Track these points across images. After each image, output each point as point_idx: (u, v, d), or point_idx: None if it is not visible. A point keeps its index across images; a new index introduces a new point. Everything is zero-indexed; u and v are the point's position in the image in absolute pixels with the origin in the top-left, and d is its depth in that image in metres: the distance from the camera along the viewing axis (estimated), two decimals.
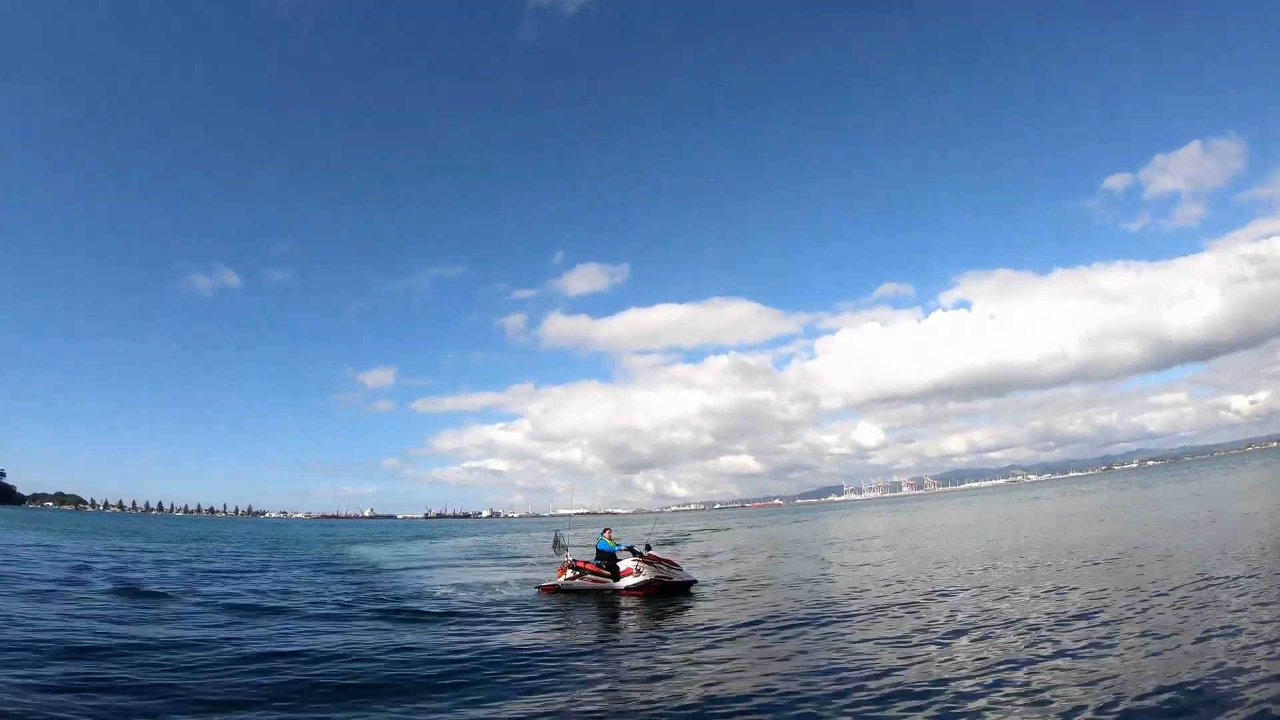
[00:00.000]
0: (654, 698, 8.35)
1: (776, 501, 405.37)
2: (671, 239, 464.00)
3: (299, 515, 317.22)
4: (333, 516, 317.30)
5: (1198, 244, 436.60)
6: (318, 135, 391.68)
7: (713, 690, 8.61)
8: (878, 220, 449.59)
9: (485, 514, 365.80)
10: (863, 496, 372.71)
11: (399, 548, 43.60)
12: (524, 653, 10.36)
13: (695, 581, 18.33)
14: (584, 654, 10.80)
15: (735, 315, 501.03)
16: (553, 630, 12.75)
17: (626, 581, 17.73)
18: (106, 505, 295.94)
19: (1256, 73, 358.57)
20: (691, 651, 10.77)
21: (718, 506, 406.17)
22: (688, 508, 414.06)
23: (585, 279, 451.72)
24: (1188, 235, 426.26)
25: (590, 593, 17.67)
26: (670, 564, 18.30)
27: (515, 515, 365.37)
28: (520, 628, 12.93)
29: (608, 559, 18.40)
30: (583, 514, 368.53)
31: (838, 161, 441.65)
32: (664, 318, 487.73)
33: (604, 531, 19.34)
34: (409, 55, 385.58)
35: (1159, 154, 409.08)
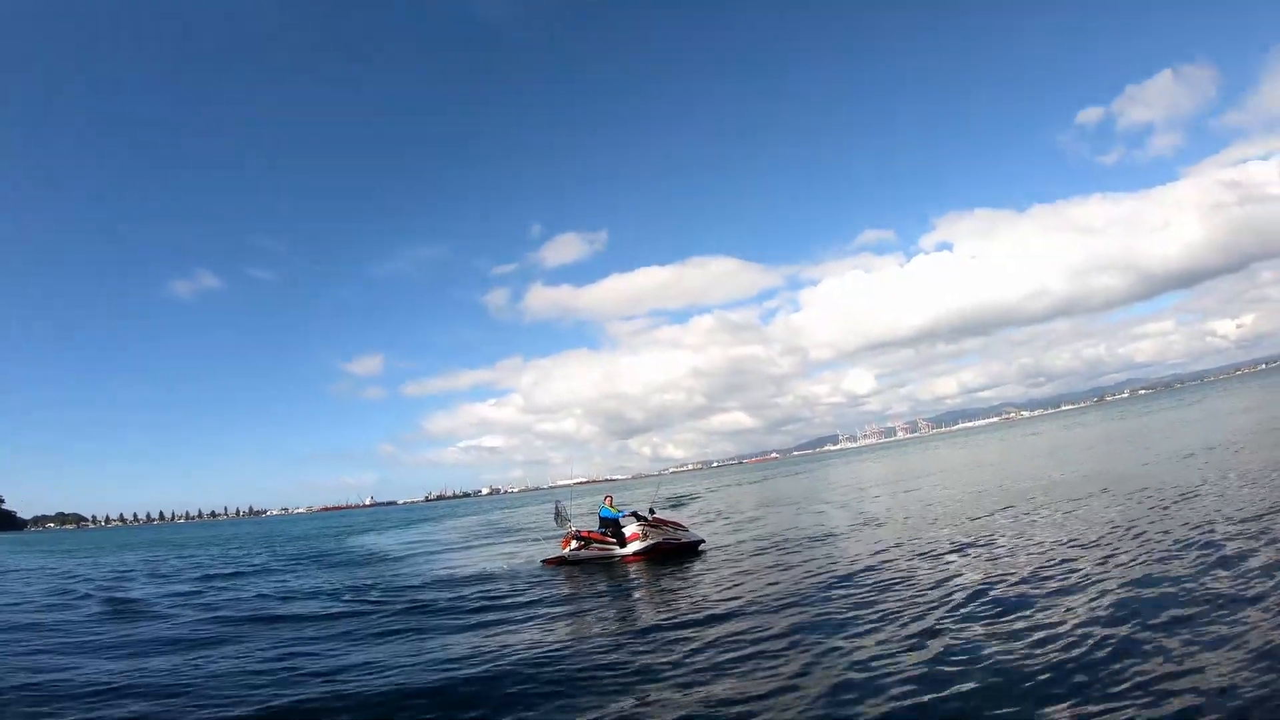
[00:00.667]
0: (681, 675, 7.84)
1: (773, 455, 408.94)
2: (648, 202, 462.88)
3: (300, 510, 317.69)
4: (334, 508, 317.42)
5: (1174, 172, 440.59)
6: (287, 130, 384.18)
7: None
8: (854, 168, 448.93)
9: (485, 491, 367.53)
10: (858, 444, 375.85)
11: (402, 534, 43.34)
12: (543, 648, 9.60)
13: (703, 541, 18.12)
14: (607, 638, 10.26)
15: (717, 273, 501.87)
16: (563, 613, 12.13)
17: (633, 547, 17.48)
18: (108, 520, 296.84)
19: None
20: (716, 624, 10.31)
21: (715, 465, 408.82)
22: (685, 468, 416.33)
23: (565, 249, 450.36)
24: (1163, 164, 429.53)
25: (597, 561, 17.43)
26: (676, 525, 18.12)
27: (515, 490, 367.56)
28: (533, 610, 12.41)
29: (612, 526, 18.12)
30: (582, 483, 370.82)
31: (810, 111, 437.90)
32: (646, 281, 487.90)
33: (605, 499, 19.06)
34: (376, 41, 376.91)
35: (1130, 85, 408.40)
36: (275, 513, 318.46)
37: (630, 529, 17.85)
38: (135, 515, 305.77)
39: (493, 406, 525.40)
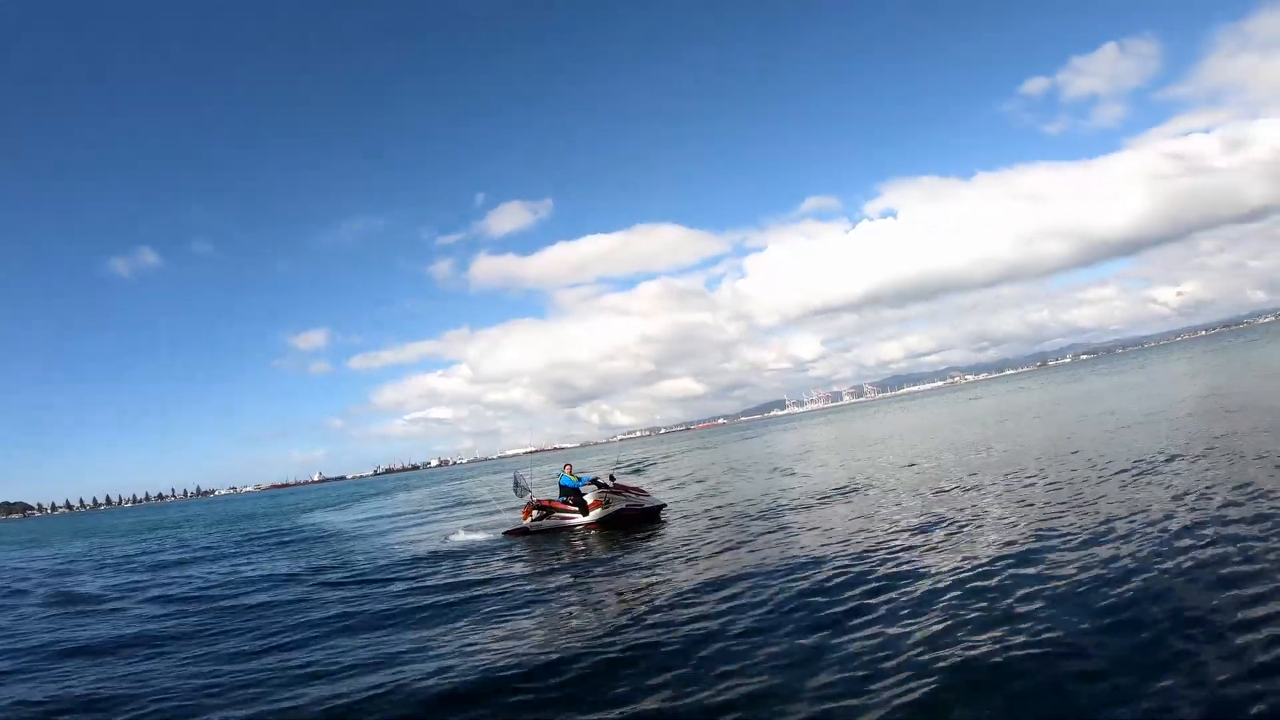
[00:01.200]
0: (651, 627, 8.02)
1: (721, 421, 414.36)
2: (592, 170, 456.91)
3: (249, 489, 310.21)
4: (283, 485, 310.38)
5: (1117, 143, 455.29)
6: (221, 99, 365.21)
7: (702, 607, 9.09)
8: (798, 135, 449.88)
9: (434, 463, 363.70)
10: (805, 409, 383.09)
11: (354, 511, 42.46)
12: (516, 637, 9.05)
13: (665, 506, 18.34)
14: (574, 605, 10.39)
15: (663, 240, 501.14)
16: (528, 592, 11.69)
17: (596, 514, 17.47)
18: (54, 508, 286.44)
19: None
20: (679, 578, 10.94)
21: (663, 431, 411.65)
22: (634, 435, 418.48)
23: (509, 218, 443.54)
24: (1108, 135, 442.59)
25: (559, 531, 17.42)
26: (638, 491, 18.18)
27: (464, 461, 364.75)
28: (499, 588, 12.07)
29: (572, 494, 18.02)
30: (531, 452, 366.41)
31: (752, 76, 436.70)
32: (592, 249, 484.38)
33: (565, 467, 19.00)
34: (314, 9, 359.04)
35: (1075, 56, 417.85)
36: (223, 492, 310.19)
37: (591, 496, 17.82)
38: (81, 501, 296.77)
39: (440, 377, 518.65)
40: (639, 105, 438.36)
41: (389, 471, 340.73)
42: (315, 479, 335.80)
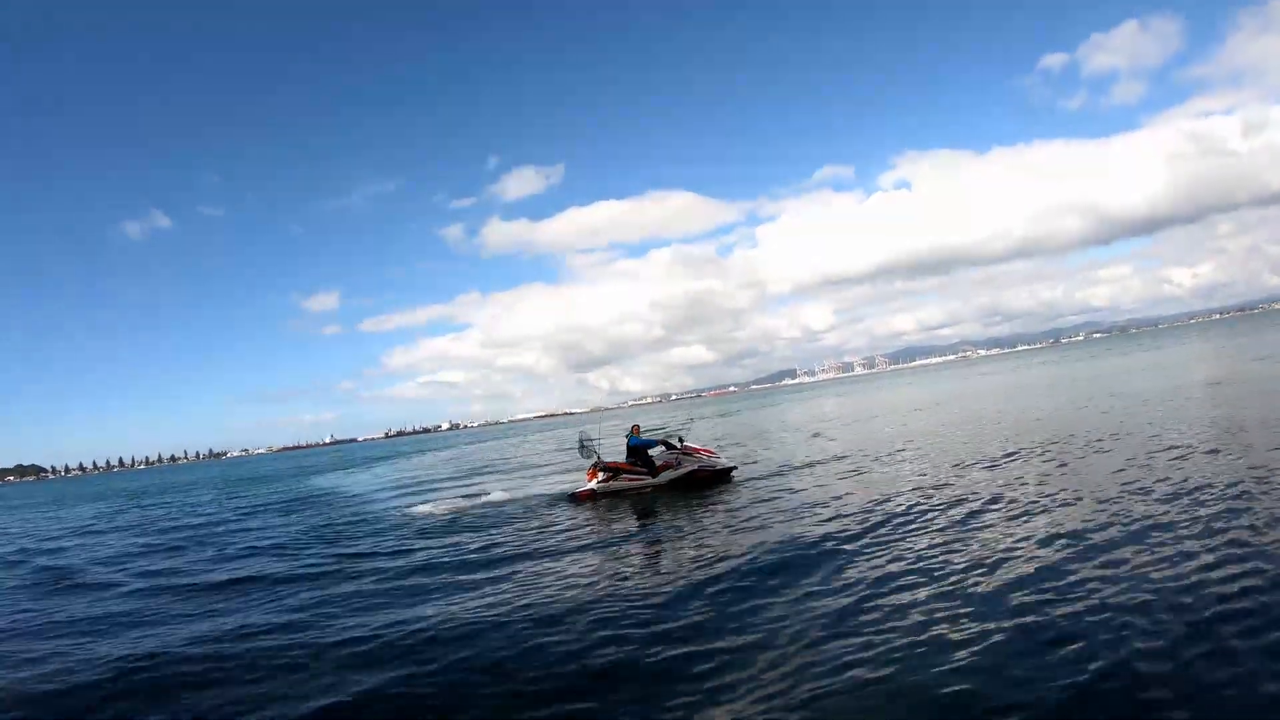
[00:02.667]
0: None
1: (732, 389, 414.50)
2: (605, 135, 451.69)
3: (260, 451, 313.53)
4: (294, 448, 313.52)
5: (1136, 121, 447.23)
6: (234, 62, 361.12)
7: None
8: (813, 103, 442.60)
9: (445, 427, 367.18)
10: (816, 379, 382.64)
11: (377, 472, 41.41)
12: (596, 607, 7.95)
13: (735, 468, 17.79)
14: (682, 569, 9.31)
15: (675, 207, 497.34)
16: (605, 560, 10.54)
17: (666, 475, 16.95)
18: (68, 470, 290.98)
19: None
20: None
21: (674, 398, 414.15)
22: (644, 401, 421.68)
23: (522, 182, 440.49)
24: (1126, 113, 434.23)
25: (628, 493, 16.66)
26: (707, 452, 17.65)
27: (475, 425, 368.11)
28: (574, 557, 10.82)
29: (640, 455, 17.28)
30: (541, 417, 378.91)
31: (769, 44, 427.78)
32: (604, 215, 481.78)
33: (632, 427, 18.25)
34: None
35: (1096, 32, 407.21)
36: (236, 454, 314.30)
37: (661, 458, 17.27)
38: (95, 464, 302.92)
39: (451, 341, 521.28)
40: (654, 73, 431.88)
41: (399, 434, 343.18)
42: (327, 441, 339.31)
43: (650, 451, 17.32)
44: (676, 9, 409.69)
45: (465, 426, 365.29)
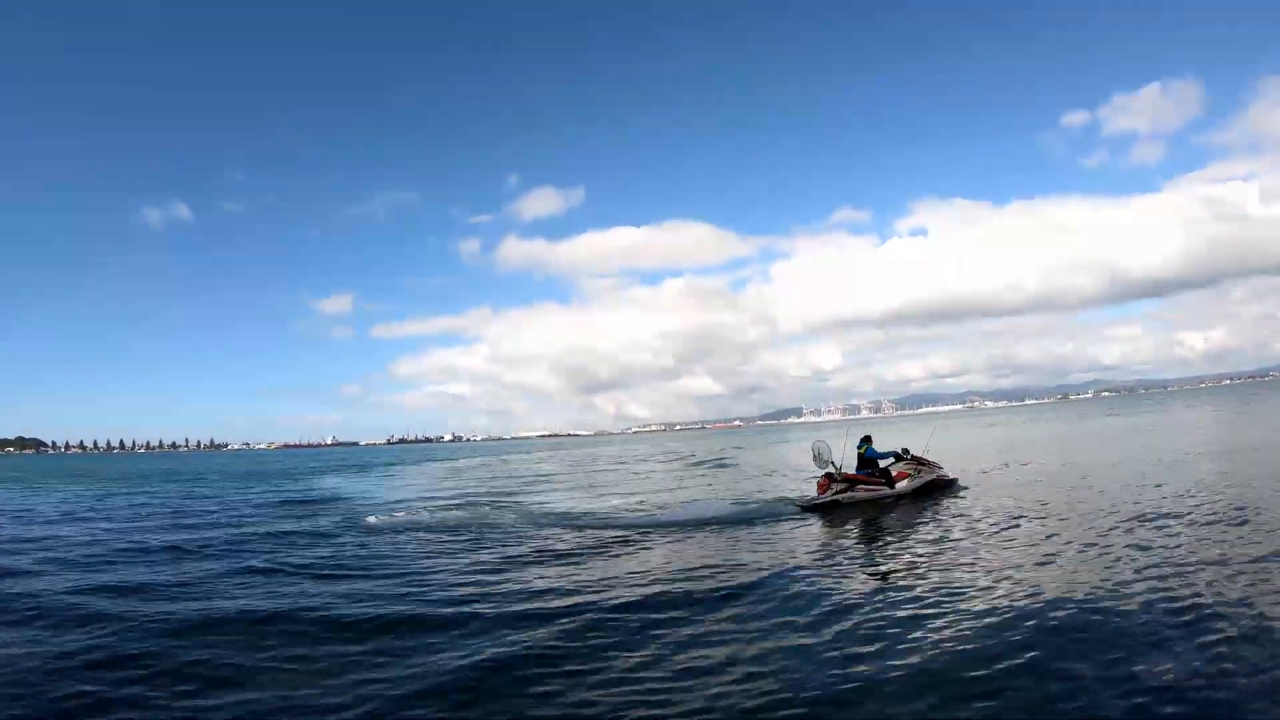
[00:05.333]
0: None
1: (737, 423, 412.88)
2: (627, 162, 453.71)
3: (261, 446, 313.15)
4: (295, 445, 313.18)
5: (1154, 183, 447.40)
6: (267, 62, 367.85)
7: None
8: (833, 144, 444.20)
9: (448, 438, 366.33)
10: (821, 419, 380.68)
11: (418, 476, 41.57)
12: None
13: (957, 479, 18.63)
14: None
15: (692, 238, 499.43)
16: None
17: (904, 485, 17.41)
18: (68, 446, 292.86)
19: (1214, 16, 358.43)
20: None
21: (678, 428, 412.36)
22: (649, 428, 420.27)
23: (541, 202, 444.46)
24: (1145, 174, 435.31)
25: (865, 502, 16.77)
26: (934, 465, 18.35)
27: (478, 438, 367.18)
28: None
29: (872, 465, 17.69)
30: (544, 435, 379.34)
31: (793, 84, 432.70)
32: (620, 240, 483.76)
33: (865, 439, 18.22)
34: None
35: (1118, 93, 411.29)
36: (236, 447, 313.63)
37: (898, 467, 17.81)
38: (95, 443, 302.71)
39: (460, 353, 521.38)
40: (678, 103, 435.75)
41: (402, 442, 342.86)
42: (329, 442, 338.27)
43: (881, 463, 17.72)
44: (704, 41, 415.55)
45: (468, 439, 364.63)
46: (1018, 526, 12.94)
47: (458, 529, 16.56)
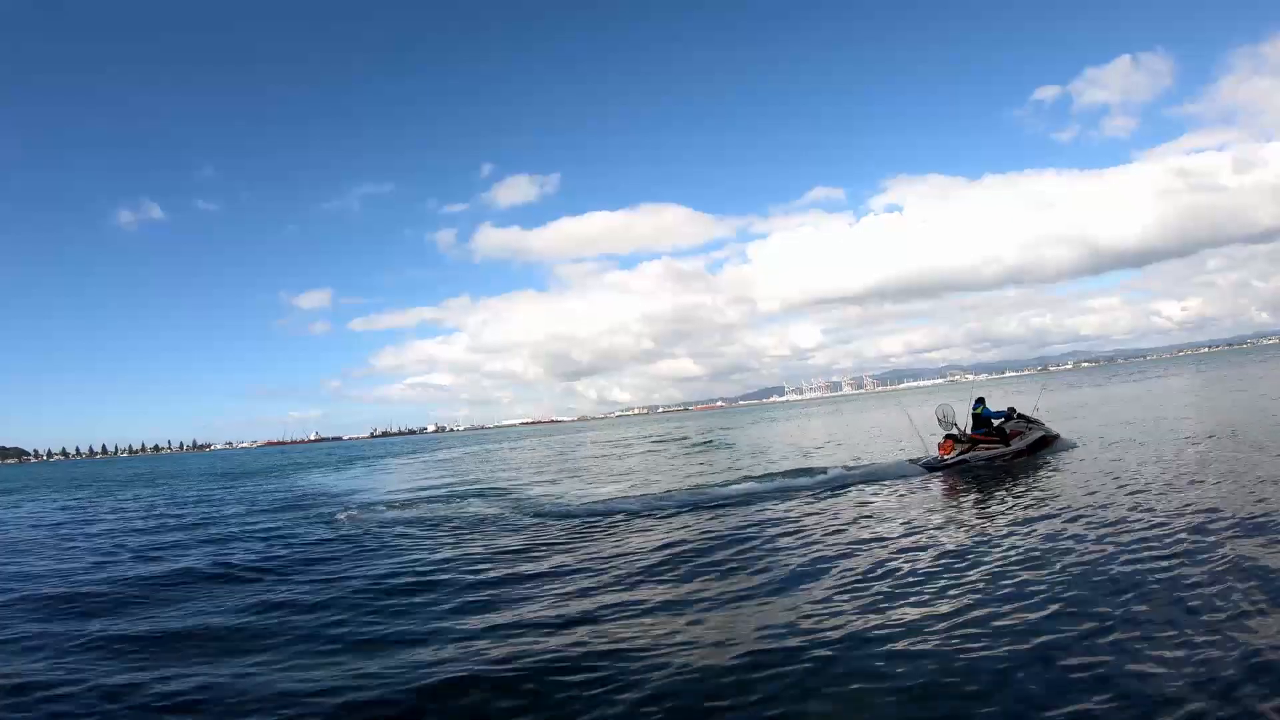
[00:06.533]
0: None
1: (719, 404, 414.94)
2: (600, 147, 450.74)
3: (245, 444, 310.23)
4: (279, 443, 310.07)
5: (1127, 155, 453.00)
6: (237, 57, 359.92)
7: None
8: (806, 124, 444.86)
9: (431, 429, 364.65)
10: (804, 397, 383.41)
11: (429, 466, 40.51)
12: None
13: (1060, 436, 18.78)
14: None
15: (667, 221, 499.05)
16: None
17: (1018, 443, 17.85)
18: (50, 454, 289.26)
19: None
20: None
21: (660, 410, 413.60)
22: (631, 412, 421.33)
23: (515, 190, 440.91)
24: (1118, 146, 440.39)
25: (990, 461, 17.34)
26: (1040, 423, 18.70)
27: (461, 429, 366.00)
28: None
29: (986, 425, 18.14)
30: (527, 423, 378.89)
31: (764, 65, 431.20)
32: (596, 225, 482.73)
33: (980, 400, 18.64)
34: None
35: (1089, 67, 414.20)
36: (220, 446, 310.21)
37: (1010, 426, 18.18)
38: (78, 449, 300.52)
39: (440, 344, 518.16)
40: (650, 86, 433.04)
41: (385, 435, 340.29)
42: (312, 438, 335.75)
43: (994, 422, 18.16)
44: (674, 24, 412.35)
45: (452, 430, 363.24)
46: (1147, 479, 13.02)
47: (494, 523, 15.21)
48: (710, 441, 41.25)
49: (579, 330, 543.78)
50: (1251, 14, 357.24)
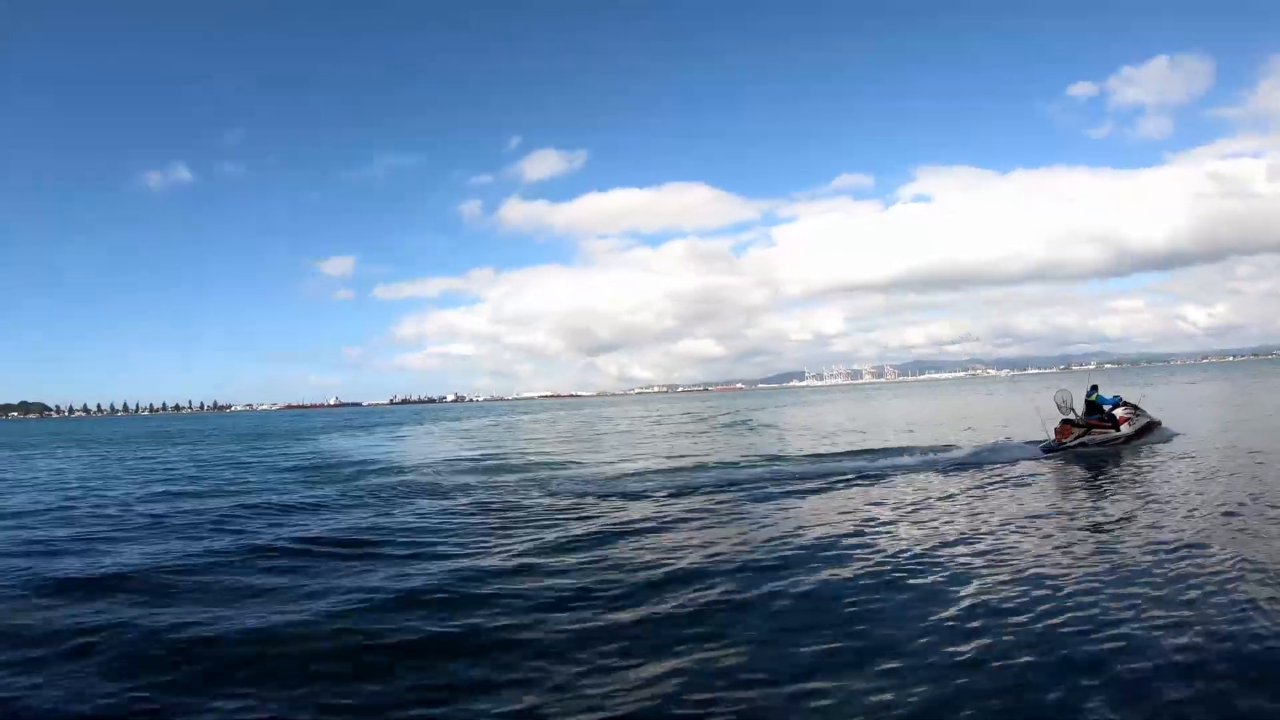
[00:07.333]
0: None
1: (739, 386, 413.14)
2: (629, 124, 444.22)
3: (264, 407, 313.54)
4: (299, 406, 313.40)
5: (1160, 157, 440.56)
6: (268, 21, 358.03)
7: None
8: (837, 109, 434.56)
9: (450, 398, 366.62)
10: (824, 383, 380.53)
11: (513, 429, 39.59)
12: None
13: (1160, 423, 19.54)
14: None
15: (694, 200, 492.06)
16: None
17: (1126, 429, 18.60)
18: (71, 410, 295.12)
19: None
20: None
21: (680, 390, 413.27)
22: (651, 389, 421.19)
23: (543, 164, 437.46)
24: (1151, 147, 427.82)
25: (1104, 445, 18.09)
26: (1144, 411, 19.44)
27: (480, 399, 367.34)
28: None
29: (1099, 411, 18.86)
30: (547, 396, 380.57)
31: (794, 47, 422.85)
32: (623, 202, 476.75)
33: (1094, 388, 19.52)
34: None
35: (1126, 65, 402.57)
36: (240, 408, 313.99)
37: (1119, 412, 18.88)
38: (99, 406, 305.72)
39: (462, 314, 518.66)
40: (682, 66, 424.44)
41: (405, 402, 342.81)
42: (332, 403, 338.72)
43: (1106, 408, 18.88)
44: (710, 5, 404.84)
45: (471, 400, 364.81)
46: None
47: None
48: (751, 422, 39.38)
49: (602, 306, 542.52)
50: None
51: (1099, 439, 18.19)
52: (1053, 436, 18.30)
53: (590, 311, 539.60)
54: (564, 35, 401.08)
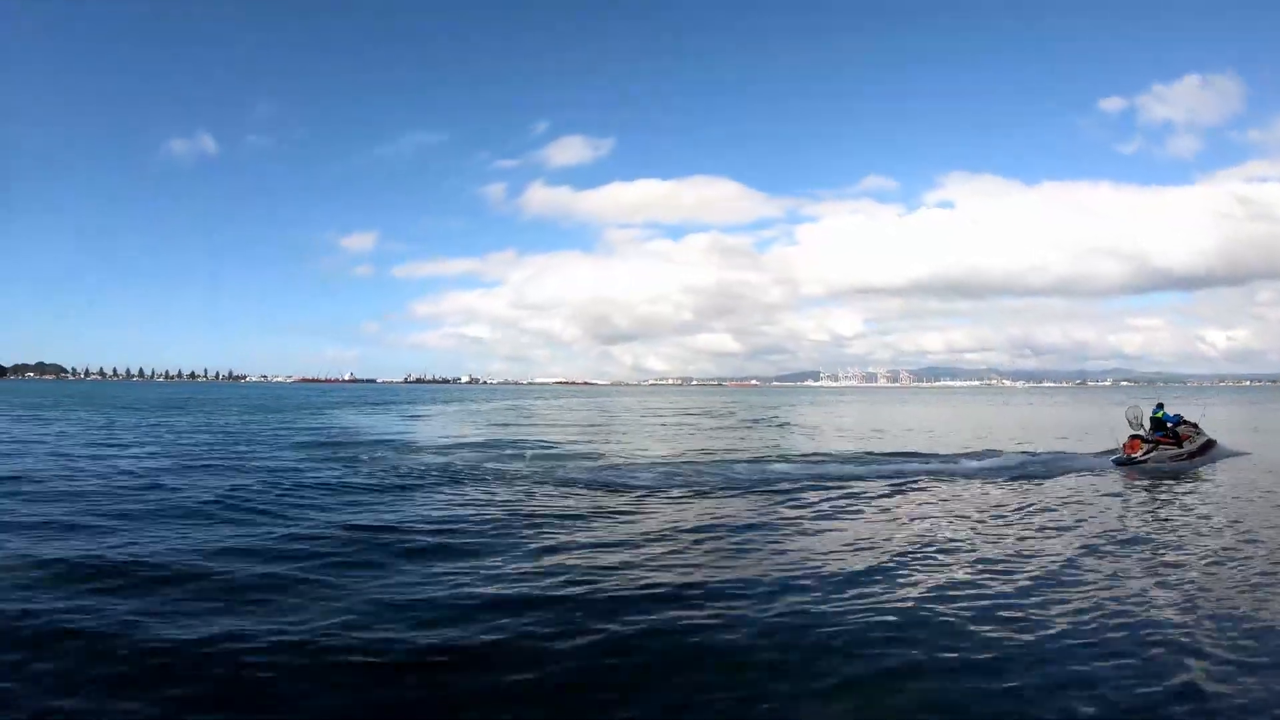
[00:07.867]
0: None
1: (753, 382, 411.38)
2: (659, 114, 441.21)
3: (279, 379, 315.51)
4: (313, 380, 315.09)
5: (1188, 176, 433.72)
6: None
7: None
8: (866, 111, 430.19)
9: (464, 380, 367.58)
10: (839, 384, 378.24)
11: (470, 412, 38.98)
12: None
13: (1216, 442, 20.36)
14: None
15: (717, 194, 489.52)
16: None
17: (1188, 445, 19.16)
18: (87, 373, 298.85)
19: (1258, 13, 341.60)
20: None
21: (695, 383, 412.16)
22: (665, 381, 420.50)
23: (569, 150, 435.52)
24: (1179, 166, 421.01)
25: (1172, 461, 18.55)
26: (1201, 430, 20.18)
27: (494, 382, 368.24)
28: None
29: (1162, 427, 19.31)
30: (561, 383, 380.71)
31: (826, 46, 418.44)
32: (646, 192, 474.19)
33: (1160, 405, 20.10)
34: None
35: (1157, 83, 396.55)
36: (255, 378, 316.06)
37: (1181, 429, 19.43)
38: (115, 370, 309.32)
39: (480, 296, 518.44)
40: (712, 59, 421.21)
41: (419, 381, 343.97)
42: (346, 378, 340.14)
43: (1169, 424, 19.37)
44: (744, 3, 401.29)
45: (485, 382, 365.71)
46: None
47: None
48: (780, 423, 38.38)
49: (621, 295, 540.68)
50: None
51: (1166, 454, 18.74)
52: (1122, 450, 18.84)
53: (609, 300, 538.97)
54: (598, 23, 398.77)
